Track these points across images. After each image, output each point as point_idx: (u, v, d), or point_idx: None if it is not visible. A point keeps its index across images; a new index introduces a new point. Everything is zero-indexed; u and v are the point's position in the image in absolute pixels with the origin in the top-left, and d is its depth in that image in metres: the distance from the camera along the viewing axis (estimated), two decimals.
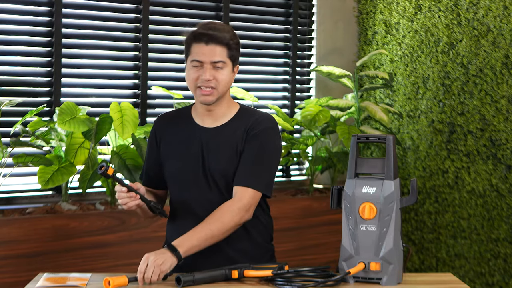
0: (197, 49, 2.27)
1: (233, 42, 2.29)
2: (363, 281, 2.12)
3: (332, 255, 2.90)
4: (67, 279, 2.13)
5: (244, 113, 2.37)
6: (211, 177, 2.30)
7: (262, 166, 2.30)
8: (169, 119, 2.43)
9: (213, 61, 2.26)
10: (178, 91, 3.88)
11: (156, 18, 3.90)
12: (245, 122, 2.33)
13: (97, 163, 3.31)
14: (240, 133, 2.31)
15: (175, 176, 2.35)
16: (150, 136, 2.44)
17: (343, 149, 4.13)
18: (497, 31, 3.64)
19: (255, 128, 2.31)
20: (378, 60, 4.38)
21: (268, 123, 2.33)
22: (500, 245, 3.67)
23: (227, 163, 2.30)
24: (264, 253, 2.40)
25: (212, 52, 2.26)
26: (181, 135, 2.37)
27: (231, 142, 2.31)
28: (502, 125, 3.63)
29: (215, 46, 2.26)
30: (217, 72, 2.27)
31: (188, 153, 2.33)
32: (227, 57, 2.28)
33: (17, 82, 3.54)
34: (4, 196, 3.46)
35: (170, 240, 2.32)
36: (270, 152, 2.32)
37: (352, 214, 2.12)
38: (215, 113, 2.34)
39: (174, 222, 2.40)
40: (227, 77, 2.29)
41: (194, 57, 2.27)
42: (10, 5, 3.52)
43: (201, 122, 2.36)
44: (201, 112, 2.36)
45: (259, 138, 2.30)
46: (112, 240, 3.34)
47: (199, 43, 2.27)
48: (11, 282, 3.09)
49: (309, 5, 4.43)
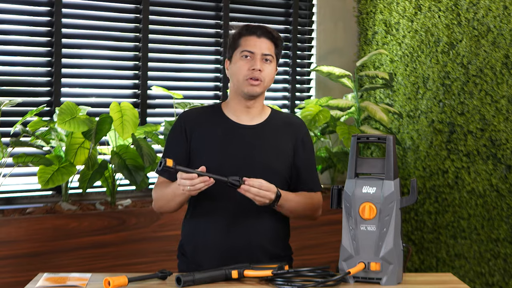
0: (249, 41, 2.34)
1: (280, 42, 2.40)
2: (363, 281, 2.12)
3: (332, 255, 2.89)
4: (67, 279, 2.13)
5: (278, 113, 2.48)
6: (254, 173, 2.29)
7: (316, 170, 2.52)
8: (199, 114, 2.44)
9: (264, 53, 2.34)
10: (178, 91, 3.88)
11: (156, 18, 3.90)
12: (288, 124, 2.44)
13: (97, 163, 3.32)
14: (289, 136, 2.42)
15: (212, 171, 2.28)
16: (177, 129, 2.41)
17: (343, 149, 4.13)
18: (497, 31, 3.64)
19: (304, 133, 2.46)
20: (378, 60, 4.38)
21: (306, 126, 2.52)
22: (500, 245, 3.67)
23: (272, 160, 2.37)
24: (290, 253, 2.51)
25: (264, 45, 2.34)
26: (216, 130, 2.38)
27: (276, 141, 2.39)
28: (502, 125, 3.63)
29: (266, 40, 2.35)
30: (266, 65, 2.35)
31: (229, 148, 2.35)
32: (274, 53, 2.37)
33: (17, 82, 3.54)
34: (4, 196, 3.46)
35: (187, 238, 2.38)
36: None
37: (352, 214, 2.12)
38: (252, 111, 2.40)
39: (199, 219, 2.36)
40: (272, 73, 2.38)
41: (245, 48, 2.34)
42: (10, 5, 3.52)
43: (236, 120, 2.40)
44: (238, 109, 2.39)
45: (310, 144, 2.47)
46: (112, 240, 3.34)
47: (252, 36, 2.35)
48: (11, 282, 3.09)
49: (309, 5, 4.43)
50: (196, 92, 4.04)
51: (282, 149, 2.40)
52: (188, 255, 2.41)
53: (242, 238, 2.33)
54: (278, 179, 2.36)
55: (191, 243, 2.40)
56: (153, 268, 3.35)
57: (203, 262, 2.33)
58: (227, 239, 2.34)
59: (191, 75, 4.06)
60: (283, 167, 2.39)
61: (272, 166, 2.36)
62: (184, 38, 4.01)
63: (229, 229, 2.34)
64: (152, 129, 3.56)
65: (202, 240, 2.37)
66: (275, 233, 2.40)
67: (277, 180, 2.33)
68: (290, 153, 2.41)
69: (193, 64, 4.06)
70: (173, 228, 3.44)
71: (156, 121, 3.85)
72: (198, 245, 2.38)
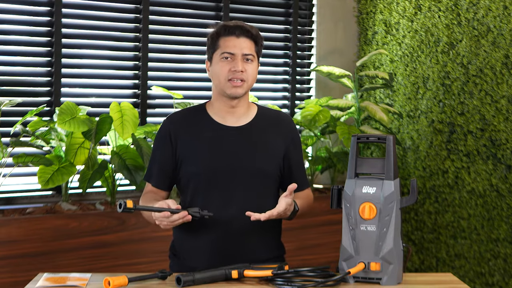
0: (229, 42, 2.29)
1: (259, 38, 2.35)
2: (363, 281, 2.12)
3: (332, 255, 2.90)
4: (67, 279, 2.13)
5: (265, 111, 2.42)
6: (245, 176, 2.29)
7: (304, 166, 2.52)
8: (183, 118, 2.38)
9: (245, 54, 2.29)
10: (178, 91, 3.88)
11: (156, 18, 3.90)
12: (277, 123, 2.40)
13: (97, 163, 3.32)
14: (278, 135, 2.38)
15: (200, 175, 2.29)
16: (162, 136, 2.37)
17: (343, 149, 4.13)
18: (497, 31, 3.64)
19: (294, 131, 2.43)
20: (378, 60, 4.38)
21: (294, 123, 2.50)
22: (500, 245, 3.67)
23: (262, 162, 2.33)
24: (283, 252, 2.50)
25: (244, 45, 2.29)
26: (202, 134, 2.33)
27: (265, 141, 2.35)
28: (502, 125, 3.63)
29: (246, 39, 2.30)
30: (248, 65, 2.30)
31: (216, 152, 2.31)
32: (255, 52, 2.32)
33: (17, 82, 3.54)
34: (4, 196, 3.46)
35: (178, 241, 2.37)
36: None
37: (352, 214, 2.12)
38: (238, 111, 2.35)
39: (193, 224, 2.29)
40: (255, 72, 2.34)
41: (225, 50, 2.28)
42: (10, 5, 3.52)
43: (222, 121, 2.35)
44: (223, 110, 2.34)
45: (299, 141, 2.45)
46: (112, 240, 3.34)
47: (230, 36, 2.30)
48: (11, 282, 3.09)
49: (309, 5, 4.43)
50: (196, 92, 4.04)
51: (272, 149, 2.36)
52: (179, 256, 2.40)
53: (235, 242, 2.31)
54: (269, 180, 2.35)
55: (182, 245, 2.39)
56: (153, 268, 3.34)
57: (195, 265, 2.30)
58: (219, 243, 2.31)
59: (191, 75, 4.06)
60: (273, 167, 2.36)
61: (263, 168, 2.33)
62: (184, 38, 4.01)
63: (221, 233, 2.31)
64: (152, 129, 3.56)
65: (193, 243, 2.35)
66: (268, 236, 2.39)
67: (268, 182, 2.33)
68: (280, 153, 2.37)
69: (193, 64, 4.06)
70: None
71: (156, 121, 3.85)
72: (189, 247, 2.36)
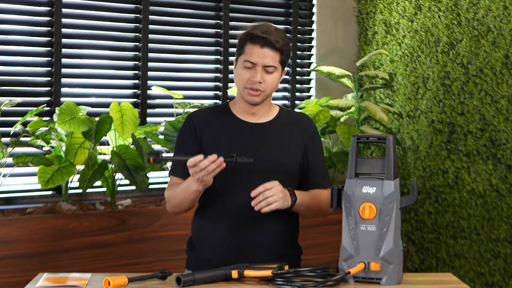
0: (252, 50, 2.31)
1: (286, 48, 2.35)
2: (363, 281, 2.12)
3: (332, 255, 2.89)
4: (67, 279, 2.13)
5: (286, 112, 2.49)
6: (265, 169, 2.31)
7: (325, 166, 2.54)
8: (207, 114, 2.45)
9: (266, 65, 2.31)
10: (178, 91, 3.88)
11: (156, 18, 3.90)
12: (297, 123, 2.45)
13: (97, 163, 3.32)
14: (298, 135, 2.42)
15: (224, 170, 2.27)
16: (186, 130, 2.41)
17: (343, 149, 4.13)
18: (497, 31, 3.64)
19: (314, 131, 2.46)
20: (378, 60, 4.38)
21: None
22: (500, 245, 3.67)
23: (282, 157, 2.38)
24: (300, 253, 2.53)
25: (266, 56, 2.31)
26: (226, 128, 2.39)
27: (285, 138, 2.40)
28: (502, 125, 3.63)
29: (269, 51, 2.31)
30: (267, 75, 2.33)
31: (238, 145, 2.35)
32: (278, 62, 2.34)
33: (17, 82, 3.54)
34: (4, 196, 3.46)
35: (198, 236, 2.39)
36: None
37: (352, 214, 2.12)
38: (259, 112, 2.41)
39: (209, 216, 2.36)
40: (275, 82, 2.36)
41: (247, 58, 2.31)
42: (10, 5, 3.52)
43: (245, 118, 2.41)
44: (245, 109, 2.40)
45: (319, 140, 2.48)
46: (112, 240, 3.34)
47: (254, 45, 2.31)
48: (11, 282, 3.09)
49: (309, 5, 4.43)
50: (196, 92, 4.04)
51: (292, 146, 2.41)
52: (197, 249, 2.41)
53: (252, 237, 2.34)
54: (289, 175, 2.38)
55: (201, 240, 2.40)
56: (153, 268, 3.35)
57: (213, 259, 2.33)
58: (237, 237, 2.34)
59: (191, 75, 4.06)
60: (293, 163, 2.40)
61: (283, 163, 2.38)
62: (184, 38, 4.01)
63: (239, 228, 2.34)
64: (152, 129, 3.56)
65: (212, 238, 2.37)
66: (285, 231, 2.41)
67: (287, 177, 2.35)
68: (300, 151, 2.42)
69: (193, 64, 4.06)
70: (173, 228, 3.44)
71: (156, 121, 3.85)
72: (207, 237, 2.38)
